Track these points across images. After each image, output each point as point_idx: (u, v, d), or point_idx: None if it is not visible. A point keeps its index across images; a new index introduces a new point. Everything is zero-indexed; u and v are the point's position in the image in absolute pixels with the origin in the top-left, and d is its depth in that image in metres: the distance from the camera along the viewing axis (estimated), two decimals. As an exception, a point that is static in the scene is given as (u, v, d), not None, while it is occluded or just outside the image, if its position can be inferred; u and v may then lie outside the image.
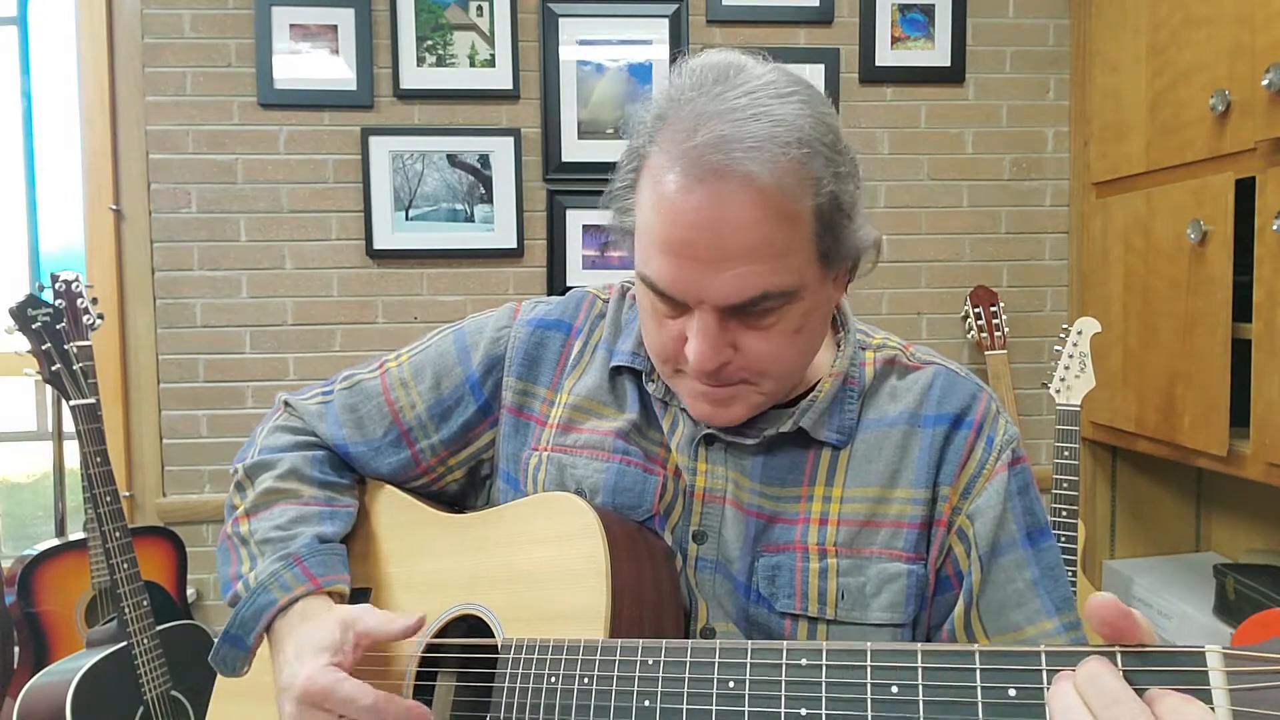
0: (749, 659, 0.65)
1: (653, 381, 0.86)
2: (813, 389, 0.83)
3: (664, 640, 0.69)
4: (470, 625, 0.84)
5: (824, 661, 0.62)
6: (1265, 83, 1.48)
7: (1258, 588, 1.69)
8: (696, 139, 0.69)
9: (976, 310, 2.14)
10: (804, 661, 0.63)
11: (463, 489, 0.98)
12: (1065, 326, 1.84)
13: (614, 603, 0.74)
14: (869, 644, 0.61)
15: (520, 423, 0.91)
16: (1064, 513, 1.78)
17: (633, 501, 0.83)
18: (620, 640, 0.71)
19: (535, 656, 0.75)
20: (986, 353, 2.12)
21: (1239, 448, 1.61)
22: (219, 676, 0.95)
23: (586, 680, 0.71)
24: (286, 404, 1.00)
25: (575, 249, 2.15)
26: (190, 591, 2.06)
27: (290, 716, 0.76)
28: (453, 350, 0.94)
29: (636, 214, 0.76)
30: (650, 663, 0.69)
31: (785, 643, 0.65)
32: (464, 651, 0.83)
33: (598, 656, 0.71)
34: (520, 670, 0.75)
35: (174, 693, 1.70)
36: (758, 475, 0.82)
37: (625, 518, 0.83)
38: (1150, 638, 0.51)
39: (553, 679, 0.73)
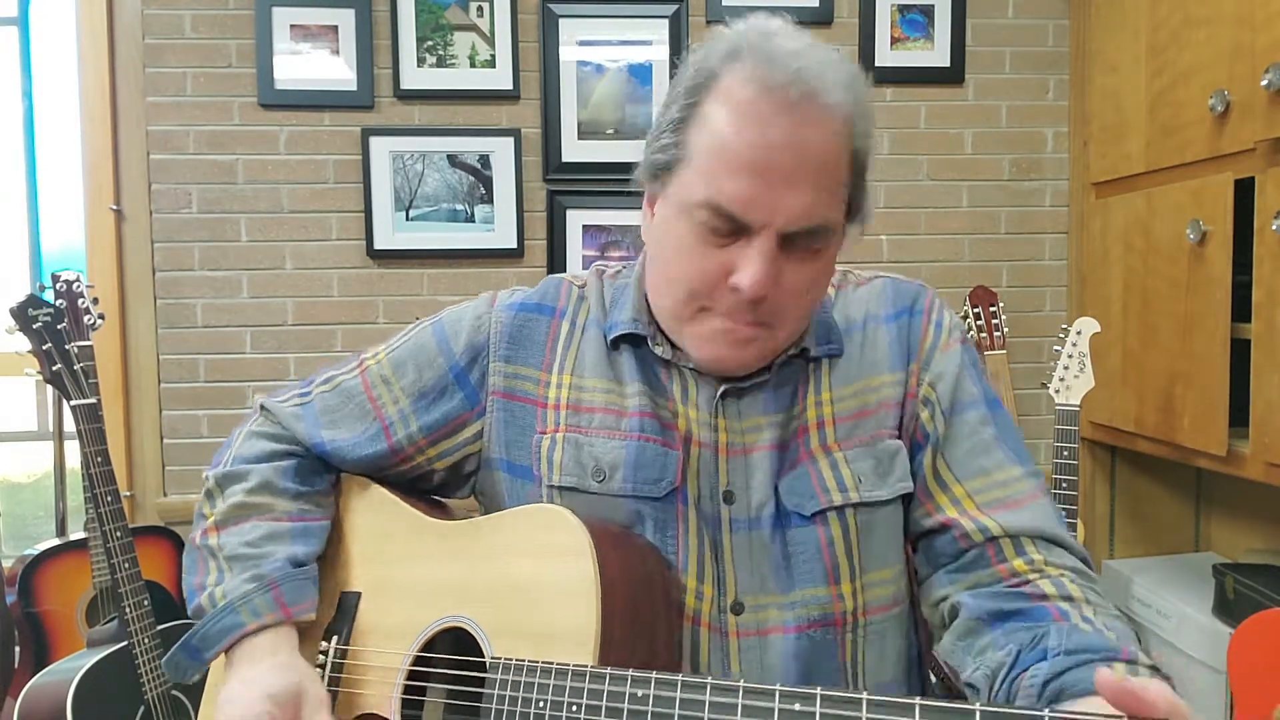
0: (740, 699, 0.64)
1: (659, 345, 0.87)
2: None
3: (654, 673, 0.69)
4: (459, 636, 0.83)
5: (818, 708, 0.61)
6: (1265, 83, 1.48)
7: (1257, 588, 1.69)
8: (787, 67, 0.74)
9: (976, 310, 2.14)
10: (797, 706, 0.62)
11: (445, 480, 0.97)
12: (1065, 326, 1.84)
13: (604, 624, 0.73)
14: (865, 694, 0.60)
15: (515, 406, 0.91)
16: (1063, 513, 1.78)
17: (655, 475, 0.84)
18: (610, 669, 0.71)
19: (524, 679, 0.74)
20: (986, 353, 2.12)
21: (1238, 448, 1.61)
22: (208, 678, 0.95)
23: (575, 708, 0.71)
24: (263, 408, 0.99)
25: (575, 249, 2.15)
26: (191, 591, 2.06)
27: None
28: (433, 342, 0.94)
29: (696, 141, 0.78)
30: (640, 695, 0.68)
31: (778, 687, 0.64)
32: (452, 666, 0.83)
33: (586, 684, 0.71)
34: (508, 691, 0.75)
35: (174, 692, 1.70)
36: (771, 409, 0.86)
37: (621, 533, 0.82)
38: (1167, 709, 0.52)
39: (540, 704, 0.73)
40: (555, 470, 0.86)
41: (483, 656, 0.79)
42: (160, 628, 1.69)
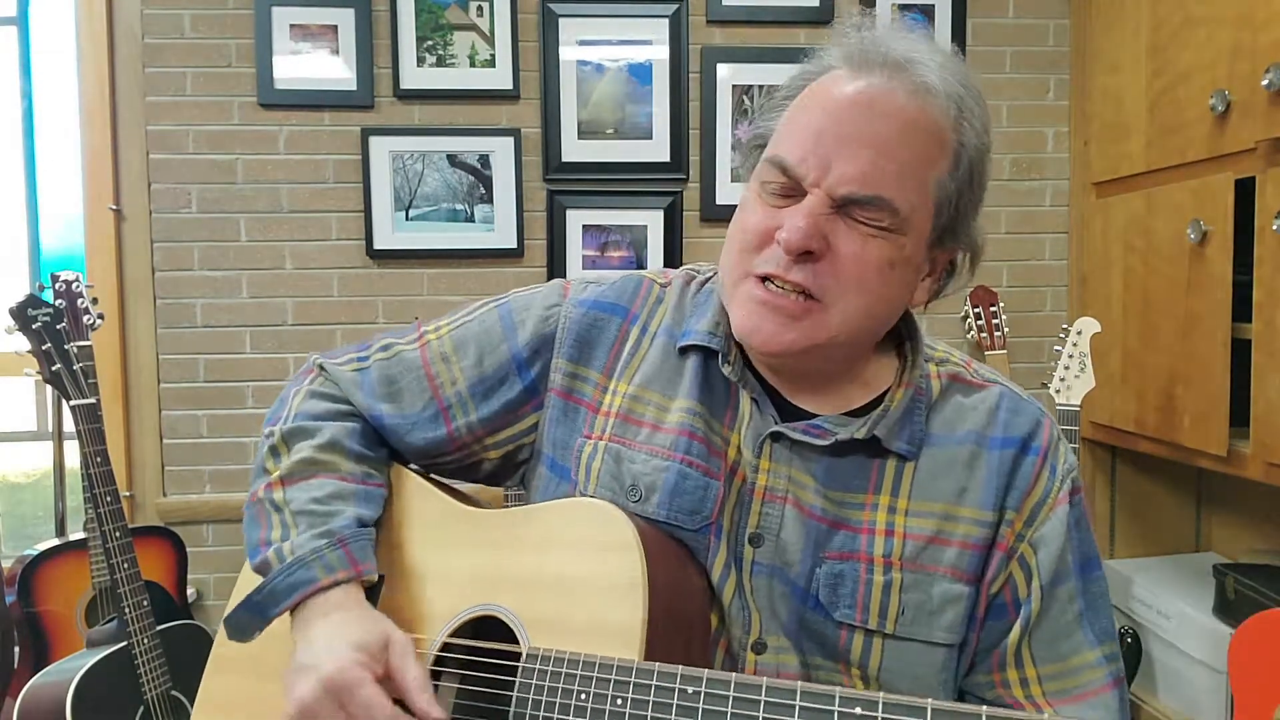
0: (798, 700, 0.62)
1: (729, 364, 0.84)
2: (883, 397, 0.83)
3: (706, 670, 0.67)
4: (486, 626, 0.81)
5: (880, 714, 0.60)
6: (1265, 83, 1.48)
7: (1258, 588, 1.69)
8: (878, 44, 0.76)
9: (976, 310, 2.14)
10: (858, 710, 0.60)
11: (495, 469, 0.94)
12: (1065, 326, 1.84)
13: (650, 622, 0.71)
14: (930, 701, 0.59)
15: (570, 406, 0.88)
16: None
17: (692, 506, 0.81)
18: (659, 664, 0.69)
19: (564, 670, 0.73)
20: (986, 353, 2.12)
21: (1239, 448, 1.61)
22: (213, 651, 0.92)
23: (620, 702, 0.69)
24: (321, 367, 0.95)
25: (575, 249, 2.15)
26: (190, 591, 2.06)
27: (305, 696, 0.74)
28: (498, 326, 0.91)
29: (785, 114, 0.80)
30: (690, 692, 0.67)
31: (839, 689, 0.62)
32: (479, 654, 0.81)
33: (632, 679, 0.69)
34: (546, 682, 0.73)
35: (174, 693, 1.70)
36: (822, 477, 0.81)
37: (663, 533, 0.80)
38: None
39: (582, 695, 0.71)
40: (591, 481, 0.84)
41: (515, 645, 0.78)
42: (160, 628, 1.69)
